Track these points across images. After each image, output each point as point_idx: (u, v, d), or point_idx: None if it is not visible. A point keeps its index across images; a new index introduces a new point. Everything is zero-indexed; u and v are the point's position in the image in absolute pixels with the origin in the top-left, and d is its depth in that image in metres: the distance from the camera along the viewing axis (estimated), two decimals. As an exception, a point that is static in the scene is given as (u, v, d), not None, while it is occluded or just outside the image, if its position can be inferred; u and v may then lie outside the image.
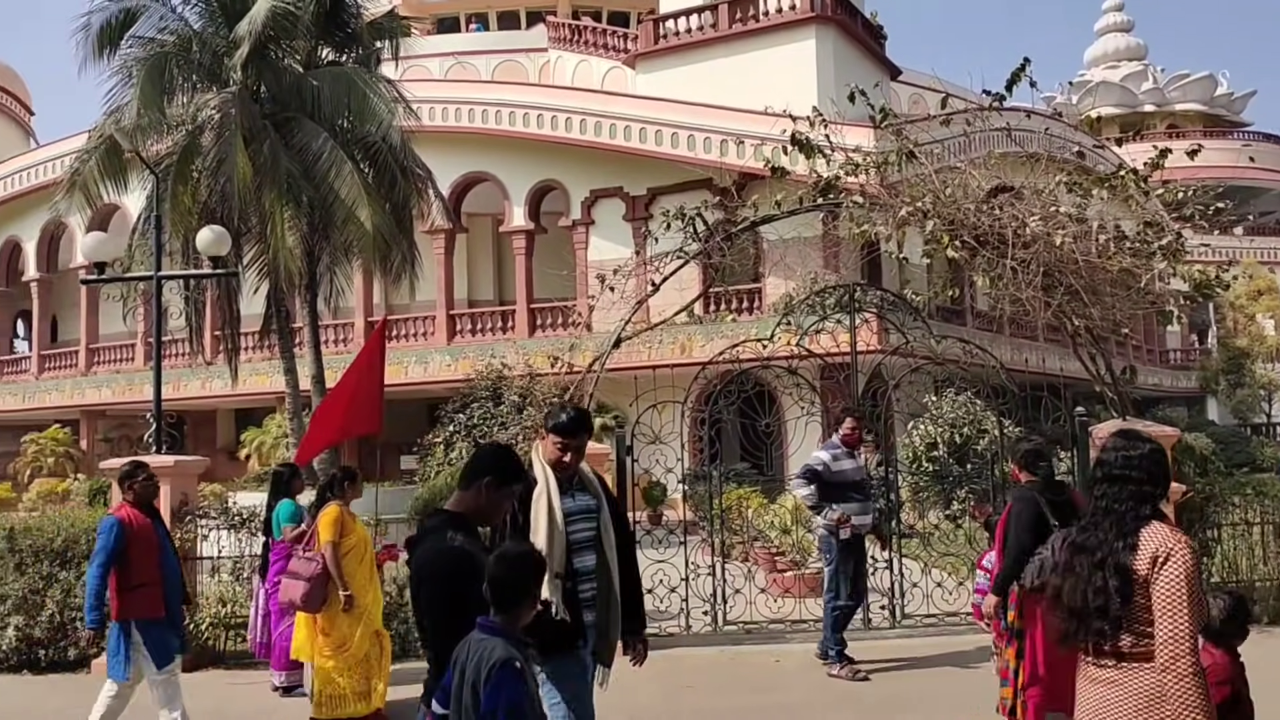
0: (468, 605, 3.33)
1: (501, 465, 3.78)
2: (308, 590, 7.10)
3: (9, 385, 33.68)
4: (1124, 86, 48.57)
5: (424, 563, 3.54)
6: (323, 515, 7.37)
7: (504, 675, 3.13)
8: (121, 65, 17.21)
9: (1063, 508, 5.90)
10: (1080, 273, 8.69)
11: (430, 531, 3.61)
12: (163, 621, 6.62)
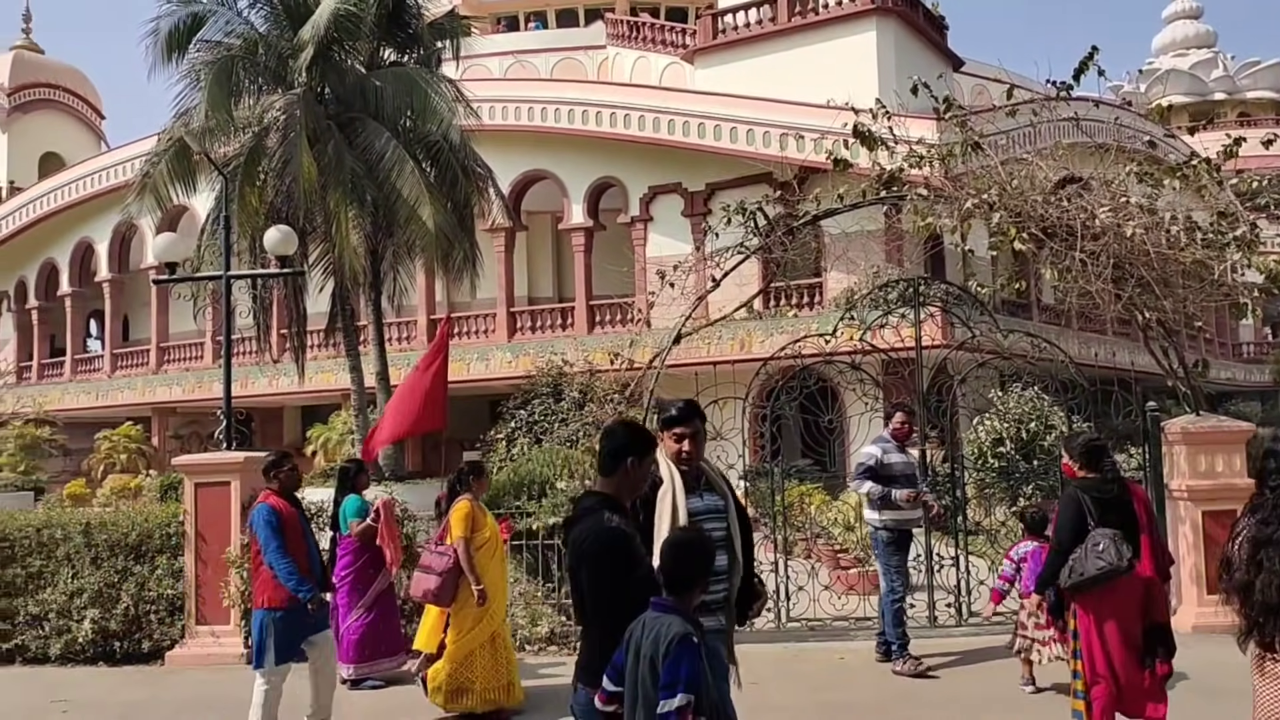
0: (629, 584, 3.48)
1: (636, 440, 3.89)
2: (440, 584, 7.18)
3: (83, 383, 34.53)
4: (1193, 74, 47.50)
5: (584, 543, 3.63)
6: (454, 510, 7.39)
7: (683, 649, 3.23)
8: (190, 69, 17.55)
9: (1110, 505, 5.73)
10: (1152, 264, 8.50)
11: (587, 513, 3.72)
12: (295, 613, 6.71)
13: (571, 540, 3.71)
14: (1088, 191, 8.91)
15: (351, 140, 17.45)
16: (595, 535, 3.60)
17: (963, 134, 9.49)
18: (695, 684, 3.22)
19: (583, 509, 3.77)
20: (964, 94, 27.82)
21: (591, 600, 3.62)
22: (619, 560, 3.56)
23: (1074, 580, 5.62)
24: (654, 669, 3.25)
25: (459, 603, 7.26)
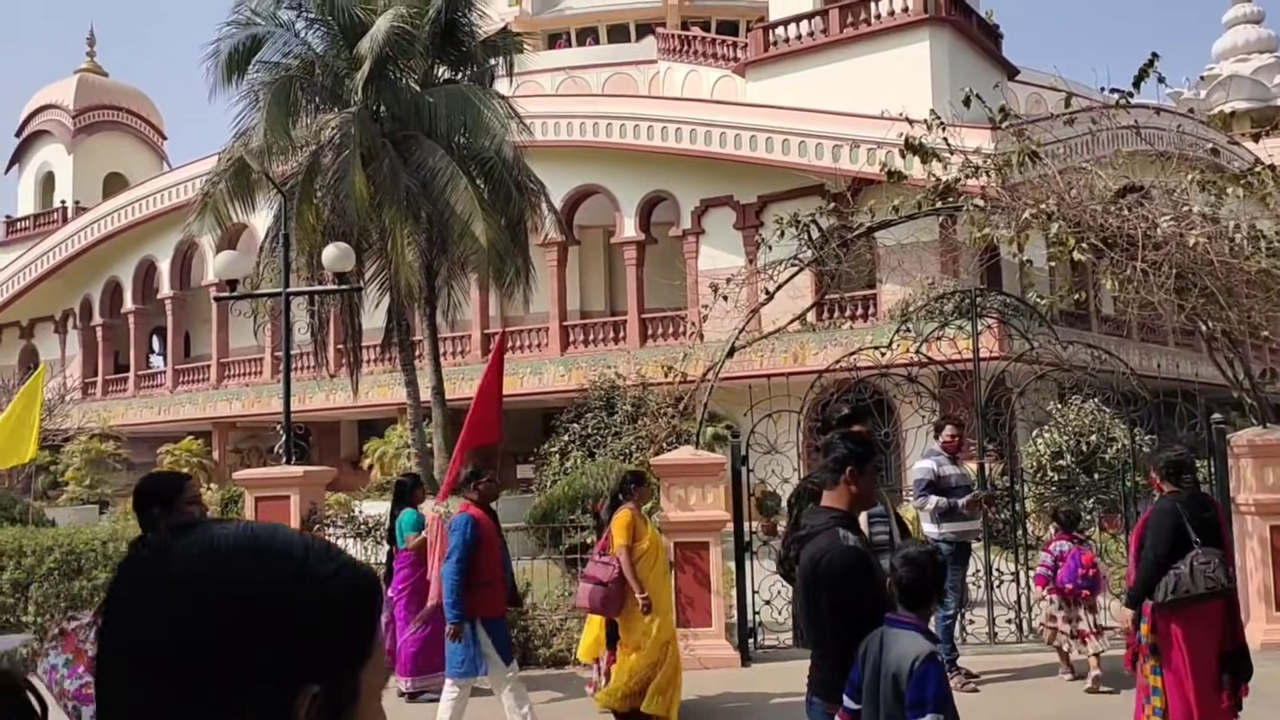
0: (865, 602, 3.51)
1: (854, 450, 3.91)
2: (605, 594, 7.18)
3: (146, 399, 35.22)
4: (1255, 80, 46.58)
5: (821, 562, 3.65)
6: (615, 520, 7.37)
7: (929, 667, 3.26)
8: (249, 89, 17.90)
9: (1208, 524, 5.63)
10: (1216, 274, 8.34)
11: (821, 530, 3.75)
12: (504, 619, 6.80)
13: (806, 559, 3.74)
14: (1149, 200, 8.76)
15: (406, 157, 17.66)
16: (833, 555, 3.62)
17: (1020, 143, 9.39)
18: (945, 701, 3.25)
19: (815, 527, 3.80)
20: (1019, 103, 27.51)
21: (830, 619, 3.63)
22: (858, 579, 3.59)
23: (1176, 596, 5.49)
24: (897, 686, 3.27)
25: (628, 613, 7.25)
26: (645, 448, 11.99)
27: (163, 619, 0.94)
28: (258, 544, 1.00)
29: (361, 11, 17.75)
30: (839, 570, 3.58)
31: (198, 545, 0.98)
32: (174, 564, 0.97)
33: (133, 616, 0.96)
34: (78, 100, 40.29)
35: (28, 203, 41.40)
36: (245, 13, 18.03)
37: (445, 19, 18.26)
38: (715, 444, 18.15)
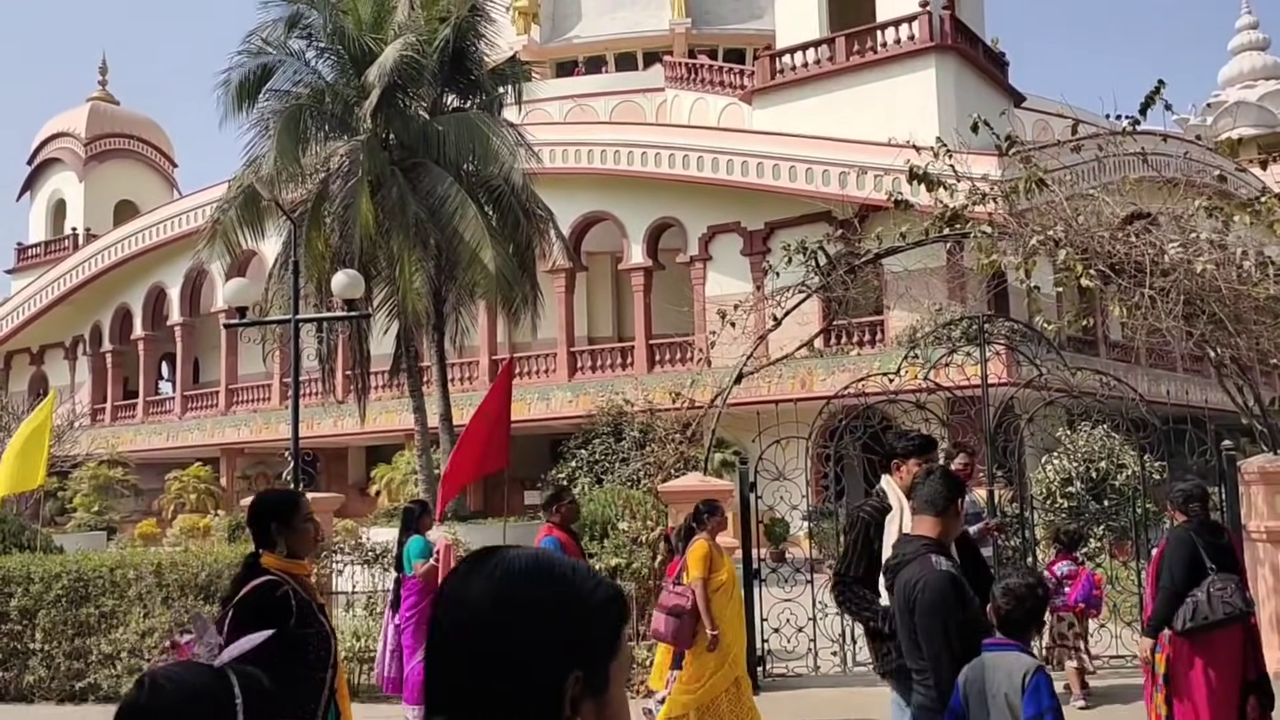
0: (961, 627, 3.61)
1: (958, 487, 4.06)
2: (680, 625, 7.03)
3: (154, 425, 35.29)
4: (1262, 106, 46.65)
5: (916, 586, 3.73)
6: (691, 550, 7.23)
7: (1041, 679, 3.36)
8: (259, 118, 18.04)
9: (1222, 550, 5.65)
10: (1224, 300, 8.33)
11: (913, 557, 3.83)
12: None
13: (901, 585, 3.81)
14: (1156, 227, 8.76)
15: (415, 185, 17.76)
16: (929, 579, 3.70)
17: (1027, 170, 9.40)
18: (1059, 713, 3.34)
19: (909, 553, 3.87)
20: (1026, 130, 27.59)
21: (926, 644, 3.71)
22: (952, 603, 3.67)
23: (1195, 623, 5.49)
24: (1010, 704, 3.34)
25: (699, 645, 7.06)
26: (653, 474, 11.97)
27: (474, 622, 1.33)
28: (539, 567, 1.37)
29: (371, 41, 17.90)
30: (934, 595, 3.66)
31: (498, 568, 1.36)
32: (478, 583, 1.35)
33: (453, 620, 1.35)
34: (89, 128, 40.60)
35: (39, 230, 41.66)
36: (256, 42, 18.20)
37: (454, 48, 18.40)
38: (723, 470, 18.10)
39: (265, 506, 4.18)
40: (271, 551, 4.09)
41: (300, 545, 4.16)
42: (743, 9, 36.08)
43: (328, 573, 10.04)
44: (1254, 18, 49.93)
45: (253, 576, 4.01)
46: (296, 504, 4.18)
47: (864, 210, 21.00)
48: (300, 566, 4.19)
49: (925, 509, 3.94)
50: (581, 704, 1.32)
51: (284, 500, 4.25)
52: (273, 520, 4.09)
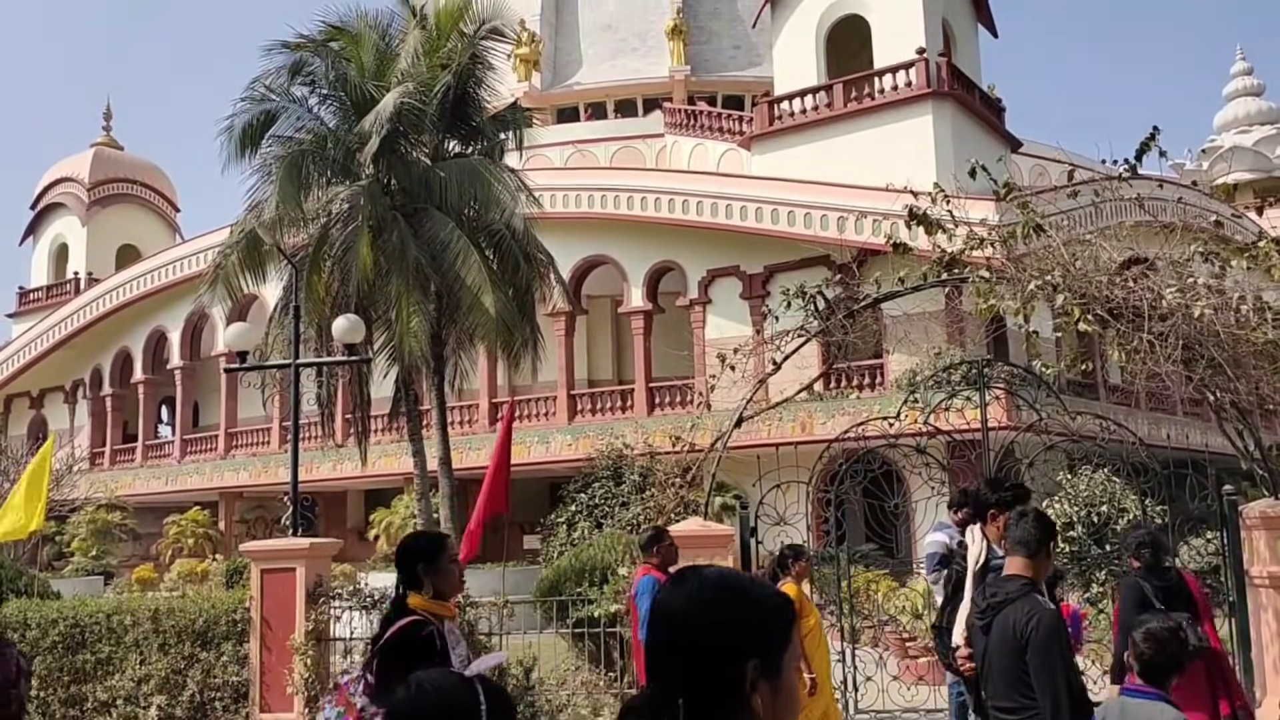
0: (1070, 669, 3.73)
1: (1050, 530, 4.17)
2: None
3: (153, 468, 35.19)
4: (1257, 151, 47.01)
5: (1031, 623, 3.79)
6: None
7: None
8: (262, 163, 18.17)
9: (1170, 592, 5.82)
10: (1222, 345, 8.34)
11: (1017, 596, 3.89)
12: None
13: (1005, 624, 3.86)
14: (1154, 271, 8.80)
15: (417, 230, 17.85)
16: (1043, 616, 3.77)
17: (1024, 215, 9.46)
18: None
19: (1011, 592, 3.93)
20: (1023, 175, 27.80)
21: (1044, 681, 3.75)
22: (1067, 642, 3.80)
23: None
24: None
25: None
26: (653, 518, 11.93)
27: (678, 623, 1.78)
28: (725, 580, 1.82)
29: (373, 88, 18.07)
30: (1050, 631, 3.72)
31: (695, 582, 1.80)
32: (680, 594, 1.79)
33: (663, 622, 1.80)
34: (93, 173, 40.88)
35: (41, 274, 41.81)
36: (260, 89, 18.36)
37: (456, 94, 18.56)
38: (724, 514, 18.03)
39: (414, 549, 4.27)
40: (418, 592, 4.17)
41: (446, 586, 4.25)
42: (741, 57, 36.47)
43: (326, 618, 9.98)
44: (1248, 64, 50.46)
45: (400, 617, 4.10)
46: (443, 546, 4.30)
47: (862, 254, 21.10)
48: (445, 608, 4.28)
49: (1018, 550, 4.02)
50: (759, 685, 1.74)
51: (431, 542, 4.34)
52: (420, 562, 4.17)
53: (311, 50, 18.48)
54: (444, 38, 18.89)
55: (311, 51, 18.49)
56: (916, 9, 24.88)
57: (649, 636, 1.82)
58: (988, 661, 4.02)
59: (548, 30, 37.65)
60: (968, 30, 27.50)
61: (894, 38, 25.01)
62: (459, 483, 20.56)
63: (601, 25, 37.82)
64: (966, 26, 27.47)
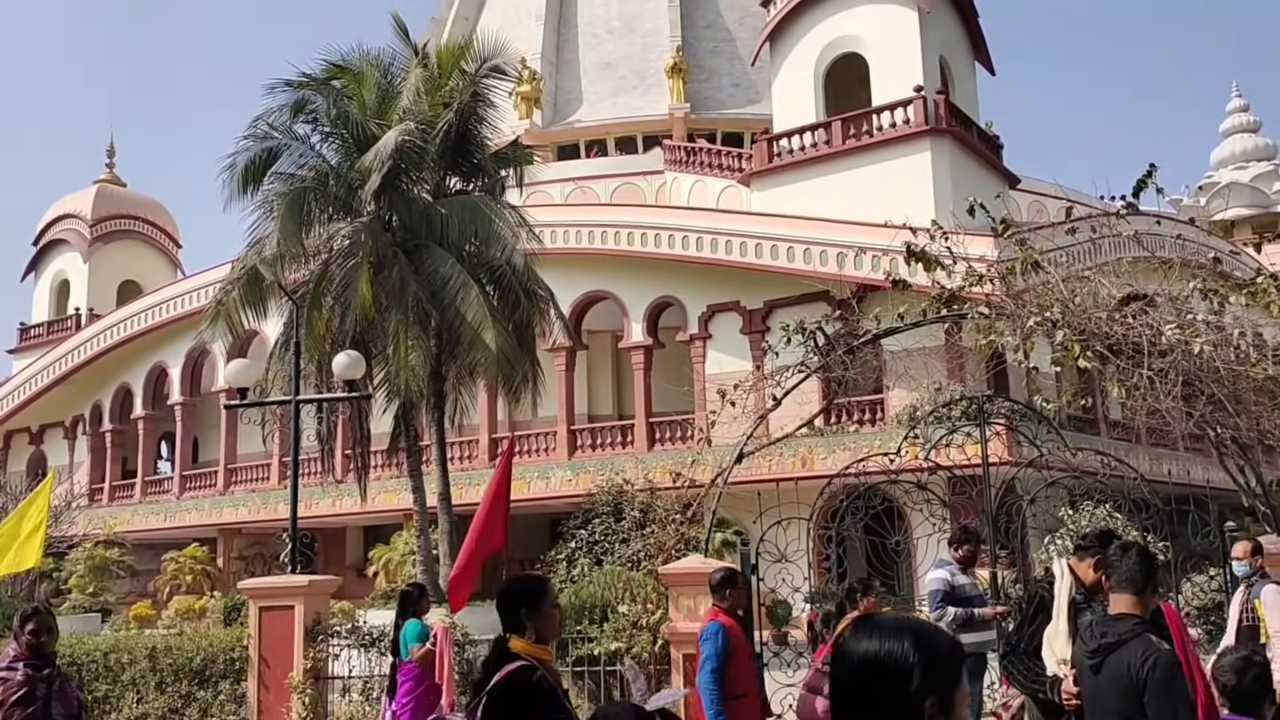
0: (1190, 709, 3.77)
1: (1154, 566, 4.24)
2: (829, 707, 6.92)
3: (152, 505, 35.07)
4: (1254, 187, 47.25)
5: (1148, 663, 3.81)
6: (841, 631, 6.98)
7: None
8: (264, 200, 18.25)
9: None
10: (1222, 381, 8.35)
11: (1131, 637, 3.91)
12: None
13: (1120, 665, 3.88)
14: (1153, 308, 8.82)
15: (418, 266, 17.91)
16: (1160, 656, 3.78)
17: (1023, 252, 9.49)
18: None
19: (1124, 633, 3.95)
20: (1021, 211, 27.93)
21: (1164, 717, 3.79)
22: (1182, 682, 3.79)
23: None
24: None
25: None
26: (654, 555, 11.88)
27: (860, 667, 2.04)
28: (904, 626, 2.06)
29: (375, 126, 18.19)
30: (1167, 672, 3.74)
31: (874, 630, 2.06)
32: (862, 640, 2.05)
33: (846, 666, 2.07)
34: (95, 210, 41.04)
35: (42, 310, 41.87)
36: (262, 127, 18.48)
37: (457, 132, 18.69)
38: (724, 550, 17.95)
39: (517, 592, 4.25)
40: (521, 636, 4.15)
41: (547, 630, 4.24)
42: (740, 94, 36.75)
43: (324, 657, 9.92)
44: (1244, 100, 50.81)
45: (503, 661, 4.09)
46: (545, 590, 4.29)
47: (862, 290, 21.15)
48: (546, 651, 4.27)
49: (1125, 587, 4.04)
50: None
51: (534, 586, 4.32)
52: (524, 606, 4.16)
53: (314, 88, 18.62)
54: (446, 76, 19.04)
55: (314, 90, 18.62)
56: (914, 47, 25.10)
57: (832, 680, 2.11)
58: (1098, 703, 4.02)
59: (549, 68, 37.98)
60: (965, 68, 27.72)
61: (892, 75, 25.21)
62: (458, 518, 20.48)
63: (602, 63, 38.16)
64: (964, 64, 27.69)
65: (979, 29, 27.93)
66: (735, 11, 38.18)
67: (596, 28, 38.89)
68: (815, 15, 26.85)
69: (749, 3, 35.37)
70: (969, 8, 27.69)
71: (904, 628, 2.04)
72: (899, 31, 25.43)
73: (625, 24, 38.45)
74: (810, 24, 26.91)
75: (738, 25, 37.79)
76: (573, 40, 38.96)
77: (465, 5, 42.08)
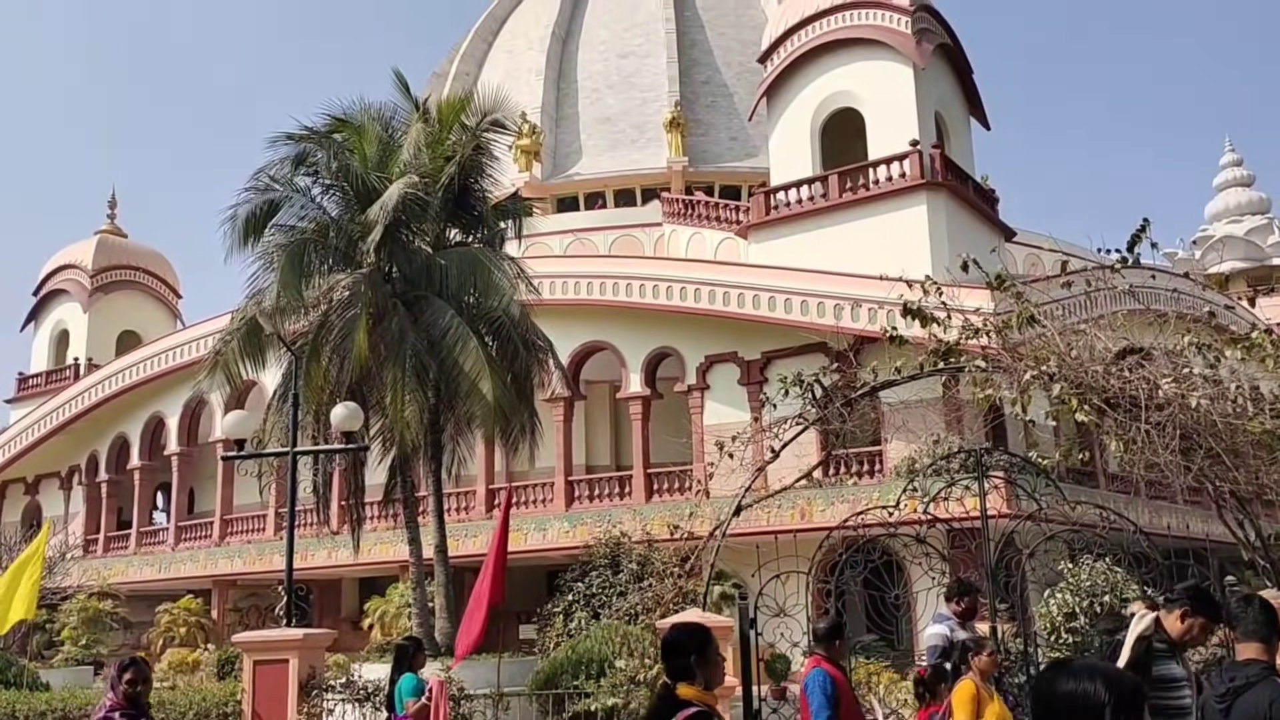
0: None
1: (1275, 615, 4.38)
2: None
3: (147, 556, 34.83)
4: (1249, 240, 47.58)
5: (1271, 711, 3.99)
6: (956, 691, 6.90)
7: None
8: (264, 251, 18.32)
9: None
10: (1220, 435, 8.37)
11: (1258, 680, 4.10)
12: None
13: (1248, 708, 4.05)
14: (1149, 361, 8.86)
15: (417, 317, 17.96)
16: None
17: (1019, 305, 9.55)
18: None
19: (1251, 676, 4.13)
20: (1017, 263, 28.12)
21: None
22: None
23: None
24: None
25: None
26: (652, 609, 11.81)
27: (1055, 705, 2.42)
28: (1095, 669, 2.42)
29: (376, 179, 18.34)
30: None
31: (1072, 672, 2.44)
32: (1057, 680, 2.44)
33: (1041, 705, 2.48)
34: (96, 261, 41.22)
35: (41, 360, 41.89)
36: (264, 179, 18.61)
37: (458, 185, 18.83)
38: (723, 603, 17.86)
39: (685, 640, 4.35)
40: (690, 683, 4.23)
41: (714, 677, 4.33)
42: (738, 148, 37.14)
43: (319, 711, 9.82)
44: (1237, 155, 51.33)
45: (671, 708, 4.15)
46: (712, 638, 4.40)
47: (859, 342, 21.21)
48: (713, 698, 4.35)
49: (1251, 636, 4.27)
50: None
51: (703, 633, 4.42)
52: (693, 653, 4.25)
53: (315, 141, 18.77)
54: (447, 129, 19.22)
55: (315, 143, 18.77)
56: (909, 103, 25.39)
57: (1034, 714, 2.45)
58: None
59: (548, 122, 38.38)
60: (960, 123, 28.03)
61: (888, 130, 25.49)
62: (455, 570, 20.38)
63: (601, 118, 38.58)
64: (959, 119, 28.00)
65: (974, 85, 28.29)
66: (732, 68, 38.70)
67: (596, 83, 39.38)
68: (811, 71, 27.20)
69: (746, 59, 35.86)
70: (963, 64, 28.06)
71: (1096, 670, 2.40)
72: (894, 87, 25.75)
73: (624, 80, 38.94)
74: (806, 80, 27.26)
75: (735, 81, 38.29)
76: (572, 95, 39.43)
77: (466, 61, 42.65)
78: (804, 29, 27.31)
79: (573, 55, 40.39)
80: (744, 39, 38.21)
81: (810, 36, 27.17)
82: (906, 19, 25.63)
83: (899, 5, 25.87)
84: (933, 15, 26.81)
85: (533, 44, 40.99)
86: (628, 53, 39.47)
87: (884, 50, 25.97)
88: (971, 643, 7.12)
